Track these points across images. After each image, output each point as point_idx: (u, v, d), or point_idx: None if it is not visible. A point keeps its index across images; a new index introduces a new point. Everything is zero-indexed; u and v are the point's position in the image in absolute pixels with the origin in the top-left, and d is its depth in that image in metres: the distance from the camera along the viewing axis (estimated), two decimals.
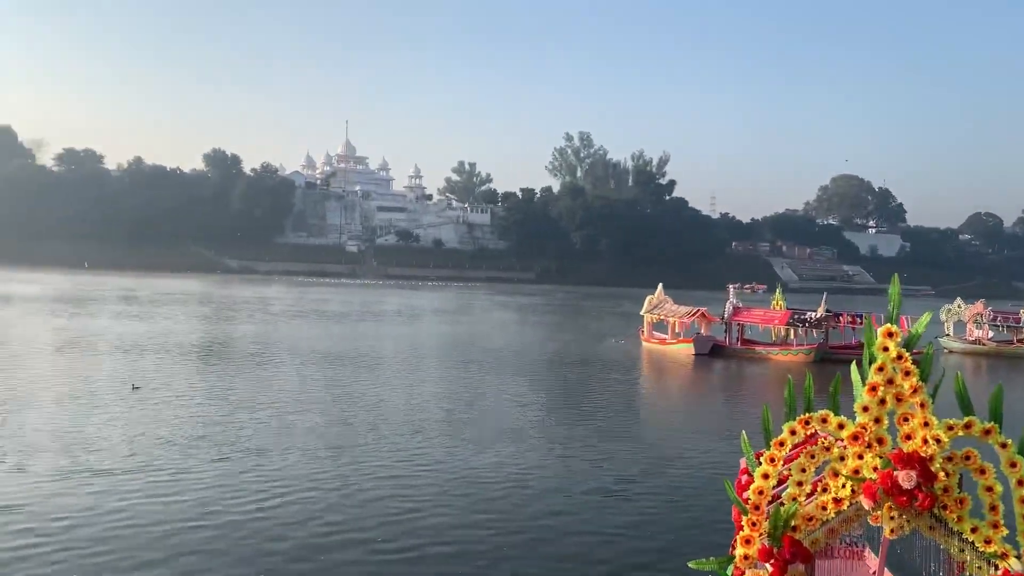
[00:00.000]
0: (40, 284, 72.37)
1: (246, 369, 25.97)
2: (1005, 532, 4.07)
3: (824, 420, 4.37)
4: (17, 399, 18.90)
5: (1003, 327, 42.72)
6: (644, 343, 39.33)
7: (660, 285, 40.84)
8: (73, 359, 26.85)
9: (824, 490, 4.39)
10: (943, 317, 42.94)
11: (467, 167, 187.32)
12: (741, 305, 38.70)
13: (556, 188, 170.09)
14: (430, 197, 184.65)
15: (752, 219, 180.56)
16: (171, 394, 20.37)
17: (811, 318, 35.23)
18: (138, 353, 28.49)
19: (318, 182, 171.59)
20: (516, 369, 28.81)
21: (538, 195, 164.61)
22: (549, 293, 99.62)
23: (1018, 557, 4.03)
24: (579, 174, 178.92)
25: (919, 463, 4.05)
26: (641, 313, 40.69)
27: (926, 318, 4.59)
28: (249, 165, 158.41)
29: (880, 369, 4.27)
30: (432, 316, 57.09)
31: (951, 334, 43.16)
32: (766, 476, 4.47)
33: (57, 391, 20.23)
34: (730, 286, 39.85)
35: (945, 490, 4.09)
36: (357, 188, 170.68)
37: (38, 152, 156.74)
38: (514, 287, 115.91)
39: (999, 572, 4.03)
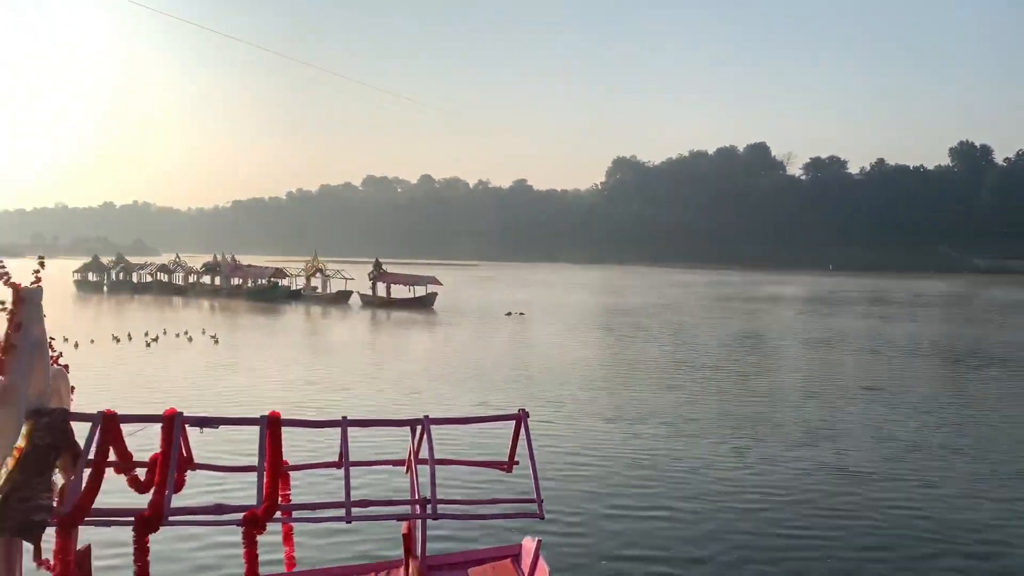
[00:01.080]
0: (793, 285, 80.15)
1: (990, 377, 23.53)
2: None
3: None
4: (775, 391, 20.73)
5: None
6: None
7: None
8: (819, 355, 28.42)
9: None
10: None
11: None
12: None
13: None
14: None
15: None
16: (912, 398, 19.67)
17: None
18: (881, 354, 28.66)
19: None
20: None
21: None
22: None
23: None
24: None
25: None
26: None
27: None
28: (1002, 155, 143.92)
29: None
30: None
31: None
32: None
33: (804, 386, 21.44)
34: None
35: None
36: None
37: (788, 163, 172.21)
38: None
39: None
